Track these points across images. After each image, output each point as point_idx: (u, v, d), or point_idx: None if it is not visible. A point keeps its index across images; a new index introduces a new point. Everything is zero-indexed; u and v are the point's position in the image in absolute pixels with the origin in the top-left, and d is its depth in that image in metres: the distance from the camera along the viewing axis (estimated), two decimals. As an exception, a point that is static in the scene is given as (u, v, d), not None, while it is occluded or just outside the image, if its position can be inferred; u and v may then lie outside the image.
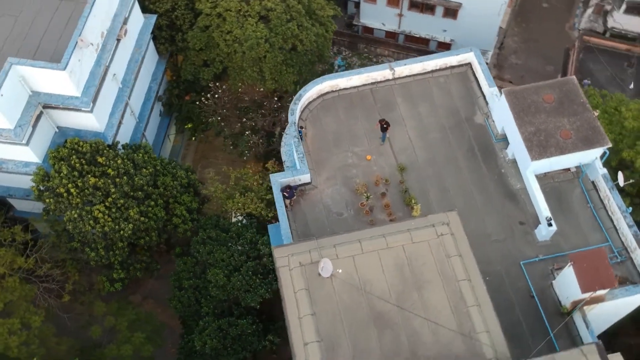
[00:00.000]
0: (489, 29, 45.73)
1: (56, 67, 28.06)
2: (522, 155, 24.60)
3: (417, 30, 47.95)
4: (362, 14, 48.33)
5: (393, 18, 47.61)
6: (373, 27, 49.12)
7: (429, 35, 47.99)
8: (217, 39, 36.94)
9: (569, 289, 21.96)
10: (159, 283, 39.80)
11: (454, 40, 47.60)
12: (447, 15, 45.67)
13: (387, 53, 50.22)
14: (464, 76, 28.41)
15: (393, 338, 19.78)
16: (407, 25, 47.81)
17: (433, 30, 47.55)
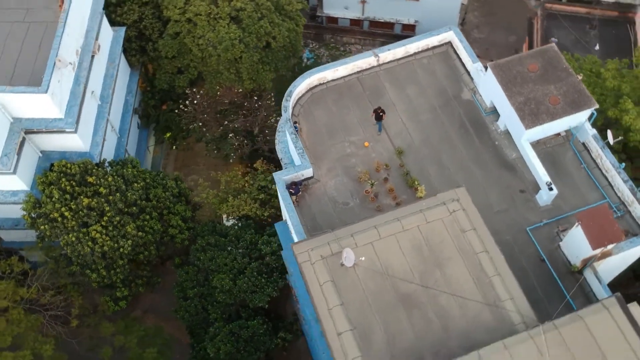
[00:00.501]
0: (452, 7, 46.50)
1: (37, 91, 27.49)
2: (515, 125, 25.31)
3: (382, 15, 48.43)
4: (325, 4, 48.53)
5: (356, 5, 47.97)
6: (337, 17, 49.40)
7: (393, 19, 48.53)
8: (189, 45, 36.68)
9: (578, 248, 22.80)
10: (157, 296, 39.45)
11: (418, 21, 48.29)
12: None
13: (354, 41, 50.59)
14: (446, 55, 28.96)
15: (422, 317, 20.24)
16: (371, 11, 48.22)
17: (397, 13, 48.08)
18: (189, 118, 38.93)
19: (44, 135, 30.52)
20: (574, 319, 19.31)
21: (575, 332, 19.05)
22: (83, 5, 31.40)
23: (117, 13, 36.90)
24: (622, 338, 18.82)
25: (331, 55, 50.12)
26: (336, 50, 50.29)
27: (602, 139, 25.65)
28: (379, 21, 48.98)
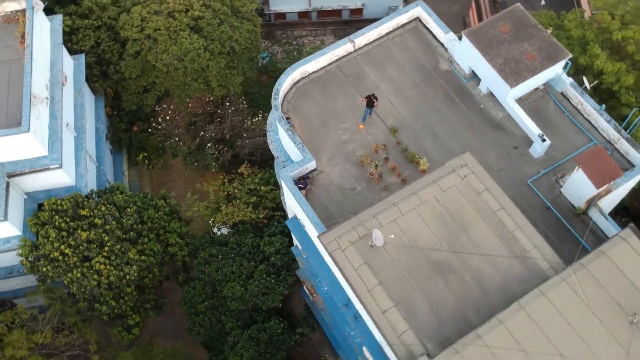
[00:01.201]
0: (394, -14, 47.60)
1: (19, 131, 26.78)
2: (499, 86, 26.39)
3: (329, 3, 49.03)
4: (271, 2, 48.71)
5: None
6: (285, 12, 49.68)
7: (340, 5, 49.22)
8: (152, 62, 36.27)
9: (580, 190, 24.08)
10: (160, 318, 39.03)
11: (365, 4, 49.10)
12: (353, -17, 47.03)
13: (305, 33, 51.04)
14: (417, 30, 29.78)
15: (458, 280, 21.10)
16: (317, 0, 48.69)
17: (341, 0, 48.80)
18: (163, 135, 38.54)
19: (27, 176, 29.71)
20: (597, 255, 20.58)
21: (602, 267, 20.31)
22: (43, 39, 30.59)
23: (72, 41, 36.05)
24: (645, 264, 20.19)
25: (285, 51, 50.43)
26: (289, 45, 50.60)
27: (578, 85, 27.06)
28: (326, 10, 49.58)
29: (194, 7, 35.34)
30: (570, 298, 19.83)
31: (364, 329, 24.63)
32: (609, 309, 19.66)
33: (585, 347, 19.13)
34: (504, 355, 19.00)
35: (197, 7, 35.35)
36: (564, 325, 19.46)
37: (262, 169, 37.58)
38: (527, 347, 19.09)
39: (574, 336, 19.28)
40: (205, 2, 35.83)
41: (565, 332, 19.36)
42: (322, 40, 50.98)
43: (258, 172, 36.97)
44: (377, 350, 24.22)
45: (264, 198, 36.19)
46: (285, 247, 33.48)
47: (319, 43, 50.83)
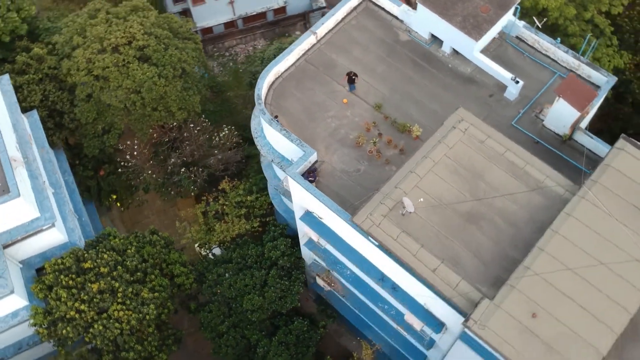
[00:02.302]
0: (313, -24, 48.68)
1: (10, 198, 25.81)
2: (463, 43, 27.99)
3: (252, 8, 49.41)
4: (196, 18, 48.51)
5: (226, 8, 48.56)
6: (211, 26, 49.62)
7: (264, 8, 49.72)
8: (107, 101, 35.56)
9: (563, 118, 26.08)
10: (173, 350, 38.45)
11: (287, 2, 49.85)
12: (273, -18, 47.69)
13: (235, 42, 51.26)
14: (369, 10, 30.94)
15: (490, 224, 22.50)
16: (241, 8, 49.05)
17: (265, 1, 49.26)
18: (133, 172, 37.90)
19: (21, 243, 28.62)
20: (604, 169, 22.53)
21: (611, 178, 22.27)
22: (0, 103, 29.52)
23: (20, 100, 34.72)
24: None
25: (220, 64, 50.46)
26: (223, 58, 50.67)
27: (529, 26, 29.15)
28: (251, 15, 49.93)
29: (136, 37, 34.90)
30: (593, 211, 21.64)
31: (405, 297, 25.63)
32: (628, 212, 21.61)
33: (618, 250, 20.97)
34: (554, 279, 20.52)
35: (139, 36, 34.94)
36: (595, 237, 21.23)
37: (241, 181, 37.72)
38: (571, 264, 20.71)
39: (606, 244, 21.08)
40: (145, 30, 35.48)
41: (598, 242, 21.12)
42: (254, 46, 51.40)
43: (239, 184, 37.08)
44: (422, 313, 25.32)
45: (252, 207, 36.41)
46: (289, 248, 33.89)
47: (251, 49, 51.21)
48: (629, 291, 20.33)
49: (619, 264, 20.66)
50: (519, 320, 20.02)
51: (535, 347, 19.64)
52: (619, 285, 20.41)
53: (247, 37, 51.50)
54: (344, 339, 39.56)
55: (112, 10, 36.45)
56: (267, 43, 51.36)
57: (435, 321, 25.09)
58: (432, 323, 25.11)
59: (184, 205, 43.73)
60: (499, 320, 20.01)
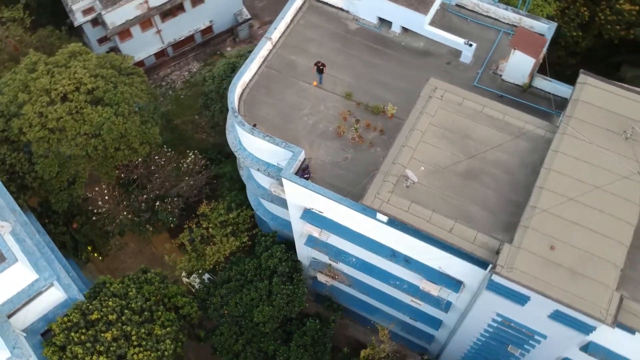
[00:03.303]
0: (233, -8, 49.20)
1: (8, 265, 24.94)
2: (413, 20, 29.45)
3: (180, 33, 49.29)
4: (123, 50, 47.81)
5: (154, 38, 48.23)
6: (142, 59, 49.11)
7: (191, 30, 49.72)
8: (67, 152, 34.74)
9: (520, 68, 27.97)
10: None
11: (212, 20, 50.07)
12: (196, 4, 47.76)
13: (170, 70, 51.00)
14: (313, 7, 31.88)
15: (488, 176, 23.93)
16: (168, 35, 48.84)
17: (190, 24, 49.30)
18: (108, 217, 37.17)
19: (22, 310, 27.65)
20: (574, 104, 24.41)
21: (583, 110, 24.17)
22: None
23: (-24, 168, 33.43)
24: (609, 92, 24.33)
25: (160, 94, 49.97)
26: (160, 88, 50.23)
27: (464, -7, 30.95)
28: (180, 40, 49.79)
29: (83, 81, 34.28)
30: (576, 143, 23.43)
31: (419, 266, 26.68)
32: (605, 136, 23.54)
33: (607, 172, 22.82)
34: (560, 211, 22.10)
35: (86, 80, 34.33)
36: (584, 165, 23.01)
37: (218, 201, 37.73)
38: (571, 194, 22.38)
39: (595, 169, 22.90)
40: (91, 72, 34.93)
41: (588, 169, 22.91)
42: (189, 70, 51.28)
43: (217, 205, 37.11)
44: (438, 277, 26.47)
45: (235, 224, 36.55)
46: (285, 254, 34.28)
47: (186, 74, 51.08)
48: (626, 206, 22.19)
49: (611, 183, 22.51)
50: (540, 255, 21.45)
51: (561, 275, 21.11)
52: (617, 202, 22.24)
53: (180, 62, 51.32)
54: (352, 330, 40.32)
55: (51, 60, 35.62)
56: (201, 65, 51.42)
57: (452, 281, 26.28)
58: (450, 284, 26.29)
59: (160, 242, 43.17)
60: (523, 259, 21.37)
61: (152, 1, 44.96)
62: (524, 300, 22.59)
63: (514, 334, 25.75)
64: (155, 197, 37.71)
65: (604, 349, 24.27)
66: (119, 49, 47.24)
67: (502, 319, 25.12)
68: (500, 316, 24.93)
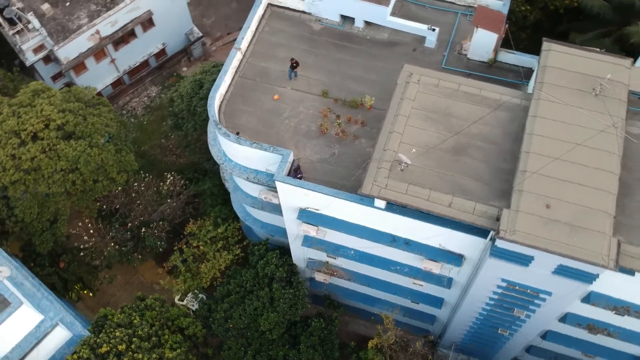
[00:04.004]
0: (182, 13, 49.19)
1: (14, 309, 24.49)
2: (376, 13, 30.47)
3: (134, 60, 48.97)
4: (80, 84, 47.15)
5: (109, 68, 47.81)
6: (99, 90, 48.46)
7: (145, 55, 49.47)
8: (45, 191, 34.18)
9: (484, 45, 29.26)
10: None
11: (165, 42, 49.97)
12: (147, 28, 47.61)
13: (128, 98, 50.64)
14: (275, 14, 32.41)
15: (475, 149, 25.00)
16: (123, 63, 48.47)
17: (143, 50, 49.05)
18: (95, 250, 36.68)
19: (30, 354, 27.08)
20: (543, 70, 25.75)
21: (552, 74, 25.47)
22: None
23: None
24: (573, 55, 25.78)
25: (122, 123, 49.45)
26: (122, 116, 49.71)
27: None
28: (135, 67, 49.47)
29: (52, 118, 33.85)
30: (552, 106, 24.71)
31: (419, 246, 27.50)
32: (576, 96, 24.90)
33: (584, 129, 24.14)
34: (548, 171, 23.26)
35: (55, 116, 33.90)
36: (563, 126, 24.29)
37: (203, 219, 37.74)
38: (556, 154, 23.59)
39: (573, 127, 24.20)
40: (58, 108, 34.51)
41: (567, 129, 24.19)
42: (148, 95, 50.98)
43: (204, 222, 37.13)
44: (439, 254, 27.35)
45: (224, 238, 36.68)
46: (280, 259, 34.56)
47: (146, 99, 50.78)
48: (607, 157, 23.55)
49: (591, 139, 23.84)
50: (538, 215, 22.53)
51: (561, 230, 22.24)
52: (598, 155, 23.58)
53: (137, 89, 50.96)
54: (352, 326, 40.85)
55: (14, 102, 35.03)
56: (159, 88, 51.22)
57: (453, 256, 27.19)
58: (451, 259, 27.20)
59: (147, 271, 42.79)
60: (523, 221, 22.40)
61: (104, 30, 44.58)
62: (527, 261, 23.66)
63: (519, 297, 26.81)
64: (140, 224, 37.40)
65: (605, 296, 25.65)
66: (75, 83, 46.56)
67: (507, 284, 26.14)
68: (505, 281, 25.95)
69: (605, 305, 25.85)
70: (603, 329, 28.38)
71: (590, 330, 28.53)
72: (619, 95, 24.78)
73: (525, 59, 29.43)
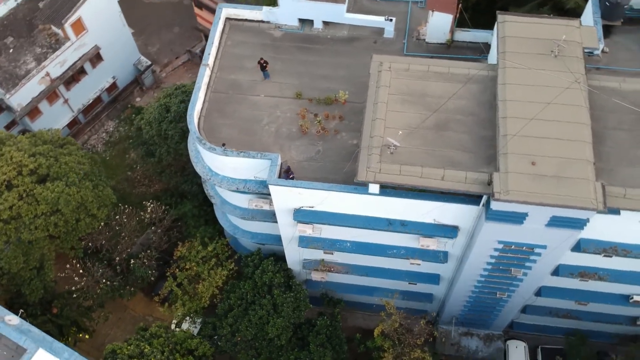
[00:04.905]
0: (128, 43, 49.10)
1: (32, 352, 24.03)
2: (332, 12, 31.69)
3: (86, 97, 48.51)
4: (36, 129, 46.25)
5: (63, 109, 47.26)
6: (56, 133, 47.72)
7: (97, 91, 49.09)
8: (28, 238, 33.60)
9: (440, 27, 30.81)
10: None
11: (115, 75, 49.71)
12: (96, 64, 47.29)
13: (87, 136, 50.22)
14: (234, 27, 33.08)
15: (456, 123, 26.35)
16: (77, 102, 47.98)
17: (94, 86, 48.67)
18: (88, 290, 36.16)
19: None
20: (503, 40, 27.33)
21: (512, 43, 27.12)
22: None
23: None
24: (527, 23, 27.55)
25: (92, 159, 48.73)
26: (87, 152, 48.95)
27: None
28: (88, 104, 48.95)
29: (24, 163, 33.34)
30: (517, 72, 26.30)
31: (415, 225, 28.58)
32: (537, 59, 26.60)
33: (550, 88, 25.76)
34: (527, 131, 24.76)
35: (26, 161, 33.40)
36: (531, 88, 25.87)
37: (190, 241, 37.76)
38: (530, 115, 25.13)
39: (540, 89, 25.79)
40: (28, 153, 34.02)
41: (534, 91, 25.78)
42: (106, 131, 50.49)
43: (192, 243, 37.17)
44: (434, 229, 28.51)
45: (215, 256, 36.83)
46: (275, 265, 35.01)
47: (104, 135, 50.27)
48: (577, 110, 25.28)
49: (558, 96, 25.54)
50: (526, 173, 23.96)
51: (550, 183, 23.71)
52: (568, 110, 25.29)
53: (94, 126, 50.42)
54: (352, 320, 41.56)
55: (-20, 154, 34.28)
56: (116, 122, 50.82)
57: (448, 228, 28.40)
58: (447, 232, 28.41)
59: (137, 304, 42.33)
60: (513, 181, 23.77)
61: (54, 72, 44.03)
62: (522, 218, 25.08)
63: (516, 256, 28.28)
64: (128, 256, 37.08)
65: (594, 241, 27.40)
66: (31, 130, 45.69)
67: (503, 245, 27.54)
68: (502, 242, 27.33)
69: (594, 249, 27.58)
70: (594, 274, 30.20)
71: (582, 277, 30.30)
72: (575, 53, 26.65)
73: (480, 34, 31.15)
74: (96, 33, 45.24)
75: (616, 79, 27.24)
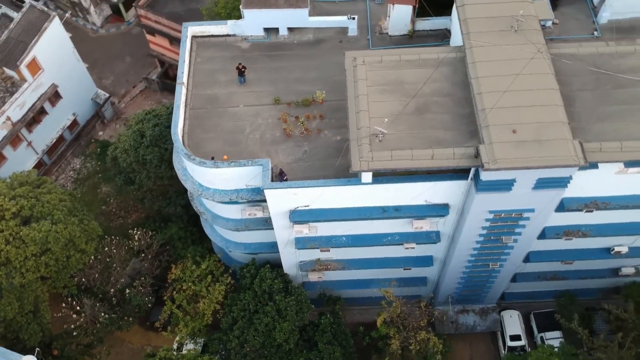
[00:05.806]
0: (84, 77, 48.82)
1: None
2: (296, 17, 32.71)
3: (49, 137, 47.95)
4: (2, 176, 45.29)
5: (27, 152, 46.72)
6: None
7: (59, 130, 48.51)
8: (20, 282, 32.99)
9: (402, 18, 32.24)
10: None
11: (75, 112, 49.24)
12: (55, 102, 46.84)
13: (54, 176, 49.39)
14: (200, 44, 33.64)
15: (435, 105, 27.65)
16: (40, 143, 47.38)
17: (57, 123, 48.09)
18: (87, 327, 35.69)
19: None
20: (465, 23, 28.86)
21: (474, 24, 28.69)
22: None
23: None
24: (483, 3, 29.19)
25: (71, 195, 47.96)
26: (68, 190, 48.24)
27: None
28: (52, 145, 48.27)
29: (5, 207, 32.80)
30: (483, 50, 27.80)
31: (408, 208, 29.67)
32: (502, 36, 28.18)
33: (517, 60, 27.34)
34: (502, 103, 26.23)
35: (8, 205, 32.88)
36: (498, 63, 27.38)
37: (182, 262, 37.78)
38: (503, 88, 26.66)
39: (507, 62, 27.30)
40: (7, 196, 33.48)
41: (502, 64, 27.26)
42: (73, 169, 49.85)
43: (185, 263, 37.21)
44: (427, 209, 29.68)
45: (210, 273, 36.97)
46: (272, 272, 35.44)
47: (72, 173, 49.64)
48: (544, 78, 26.96)
49: (525, 67, 27.19)
50: (509, 141, 25.36)
51: (531, 147, 25.17)
52: (536, 78, 26.92)
53: (60, 165, 49.70)
54: (350, 315, 42.17)
55: (-43, 203, 33.51)
56: (82, 159, 50.27)
57: (439, 207, 29.61)
58: (439, 209, 29.61)
59: (133, 336, 41.86)
60: (499, 150, 25.15)
61: (14, 115, 43.39)
62: (510, 185, 26.52)
63: (506, 224, 29.73)
64: (122, 287, 36.79)
65: (575, 198, 29.11)
66: (1, 172, 44.85)
67: (493, 215, 28.94)
68: (492, 212, 28.71)
69: (577, 206, 29.29)
70: (577, 231, 31.98)
71: (567, 236, 32.02)
72: (533, 26, 28.39)
73: (439, 21, 32.73)
74: (52, 71, 44.84)
75: (573, 45, 29.15)
